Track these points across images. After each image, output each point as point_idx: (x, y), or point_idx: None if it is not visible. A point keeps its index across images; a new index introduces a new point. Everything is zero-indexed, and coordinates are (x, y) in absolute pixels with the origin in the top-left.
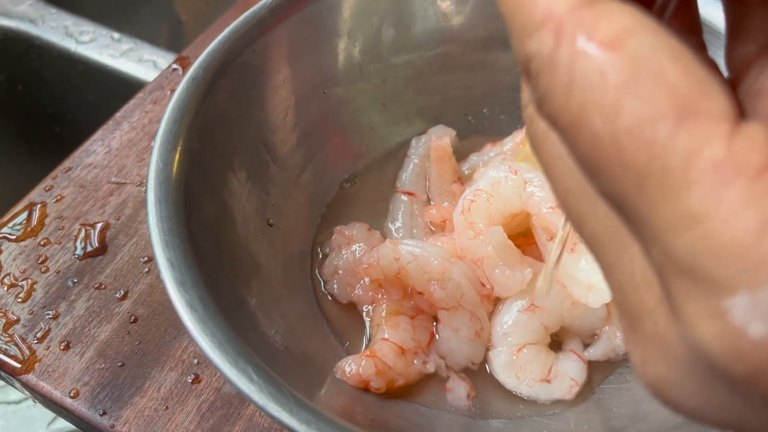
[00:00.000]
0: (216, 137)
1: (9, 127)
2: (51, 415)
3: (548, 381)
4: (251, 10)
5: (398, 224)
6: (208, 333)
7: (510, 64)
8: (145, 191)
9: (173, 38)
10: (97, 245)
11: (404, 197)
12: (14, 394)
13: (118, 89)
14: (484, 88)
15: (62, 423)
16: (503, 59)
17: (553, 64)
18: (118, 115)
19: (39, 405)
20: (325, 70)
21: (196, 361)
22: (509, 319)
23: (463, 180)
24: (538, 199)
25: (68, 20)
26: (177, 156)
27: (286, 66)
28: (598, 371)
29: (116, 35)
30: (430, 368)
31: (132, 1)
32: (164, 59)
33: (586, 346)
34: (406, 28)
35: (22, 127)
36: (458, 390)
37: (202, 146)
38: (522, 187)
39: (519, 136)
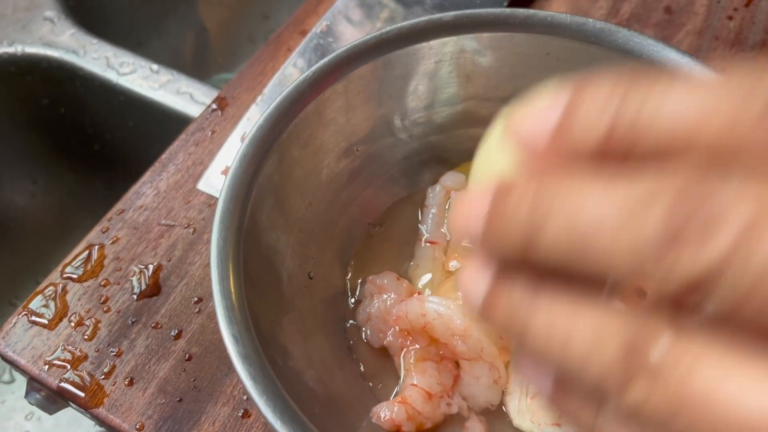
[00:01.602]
0: (264, 207)
1: (51, 144)
2: None
3: (558, 425)
4: (293, 86)
5: (422, 270)
6: (271, 404)
7: None
8: (192, 233)
9: (199, 44)
10: (151, 286)
11: (427, 245)
12: None
13: (157, 117)
14: None
15: None
16: None
17: None
18: (163, 156)
19: None
20: (357, 132)
21: (245, 397)
22: None
23: None
24: None
25: (109, 51)
26: (233, 232)
27: (323, 132)
28: None
29: (155, 67)
30: (454, 410)
31: (160, 12)
32: (200, 91)
33: None
34: (431, 89)
35: (63, 145)
36: (475, 430)
37: (252, 219)
38: None
39: None
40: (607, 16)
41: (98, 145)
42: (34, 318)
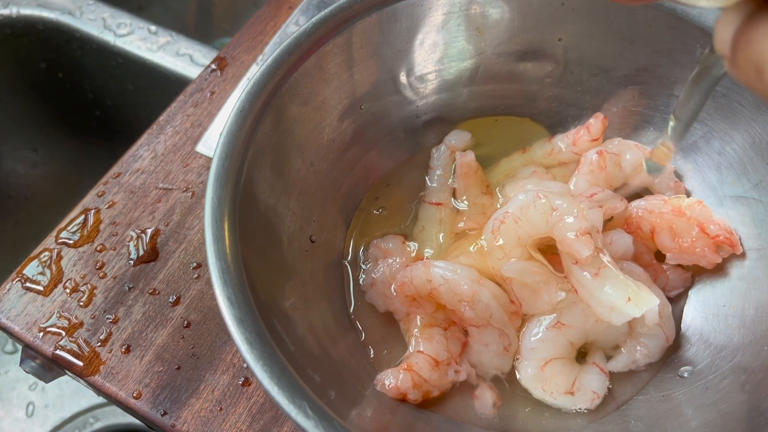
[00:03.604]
0: (262, 166)
1: (50, 110)
2: None
3: (572, 393)
4: (292, 38)
5: (428, 232)
6: (267, 370)
7: (540, 75)
8: (191, 196)
9: (202, 9)
10: (148, 251)
11: (432, 207)
12: None
13: (157, 81)
14: (515, 99)
15: None
16: (534, 71)
17: None
18: (161, 119)
19: None
20: (362, 88)
21: (245, 365)
22: (537, 334)
23: (491, 189)
24: (564, 225)
25: (105, 12)
26: (229, 191)
27: (325, 88)
28: (621, 383)
29: (153, 28)
30: (462, 377)
31: None
32: (200, 53)
33: (609, 357)
34: (439, 42)
35: (63, 111)
36: (485, 398)
37: (250, 177)
38: (549, 213)
39: (548, 145)
40: None
41: (99, 111)
42: (28, 284)
